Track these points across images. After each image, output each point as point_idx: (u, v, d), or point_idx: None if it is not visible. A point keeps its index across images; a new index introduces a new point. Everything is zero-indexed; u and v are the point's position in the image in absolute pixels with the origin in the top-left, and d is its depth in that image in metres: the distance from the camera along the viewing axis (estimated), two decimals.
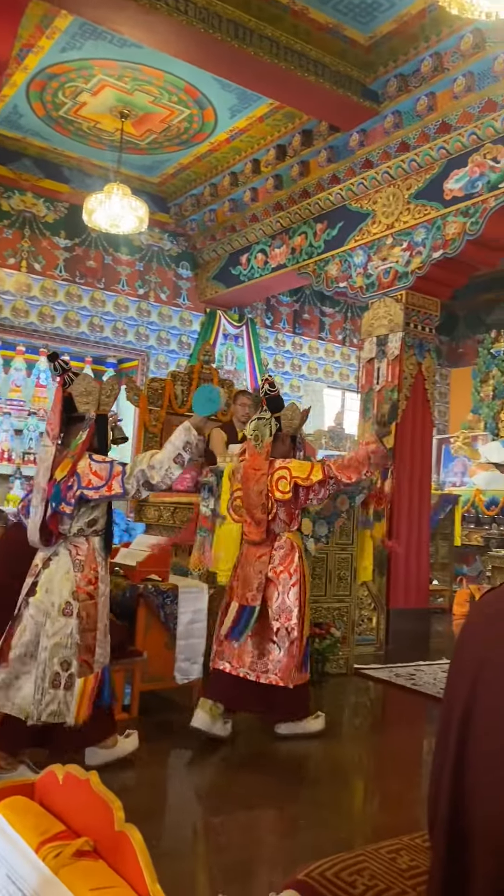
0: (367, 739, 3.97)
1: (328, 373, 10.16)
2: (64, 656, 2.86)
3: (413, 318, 6.42)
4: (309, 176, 7.13)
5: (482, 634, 1.55)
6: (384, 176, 6.51)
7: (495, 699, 1.45)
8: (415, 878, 1.52)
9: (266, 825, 2.83)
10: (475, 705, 1.48)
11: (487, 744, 1.44)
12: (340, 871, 1.54)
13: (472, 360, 10.10)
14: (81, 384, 3.10)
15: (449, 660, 3.79)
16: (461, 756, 1.49)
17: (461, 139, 5.81)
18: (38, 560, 3.00)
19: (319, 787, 3.26)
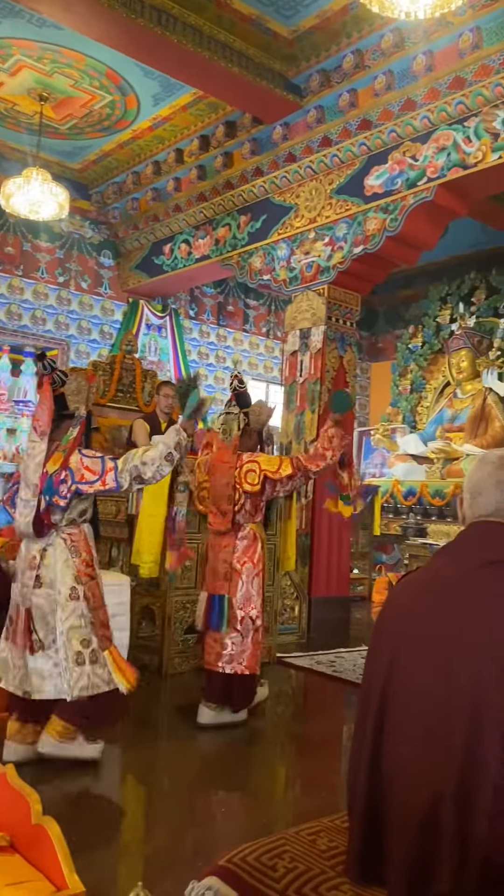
0: (288, 726, 4.02)
1: (252, 365, 10.20)
2: (82, 635, 3.03)
3: (335, 313, 6.52)
4: (232, 167, 7.12)
5: (398, 618, 1.59)
6: (307, 170, 6.57)
7: (409, 678, 1.50)
8: (334, 859, 1.56)
9: (188, 814, 2.84)
10: (391, 687, 1.53)
11: (401, 727, 1.49)
12: (261, 856, 1.57)
13: (392, 354, 10.32)
14: (73, 383, 3.33)
15: (367, 646, 3.86)
16: (378, 739, 1.54)
17: (381, 136, 5.92)
18: (35, 552, 3.09)
19: (242, 774, 3.29)
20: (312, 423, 6.42)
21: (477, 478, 1.58)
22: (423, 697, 1.44)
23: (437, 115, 5.52)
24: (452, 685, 1.40)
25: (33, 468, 3.06)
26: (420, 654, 1.47)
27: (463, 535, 1.58)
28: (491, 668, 1.36)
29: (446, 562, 1.57)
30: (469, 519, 1.59)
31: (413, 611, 1.54)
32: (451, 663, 1.42)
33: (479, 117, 5.31)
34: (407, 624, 1.53)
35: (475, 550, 1.51)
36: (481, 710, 1.35)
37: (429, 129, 5.63)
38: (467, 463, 8.06)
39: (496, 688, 1.35)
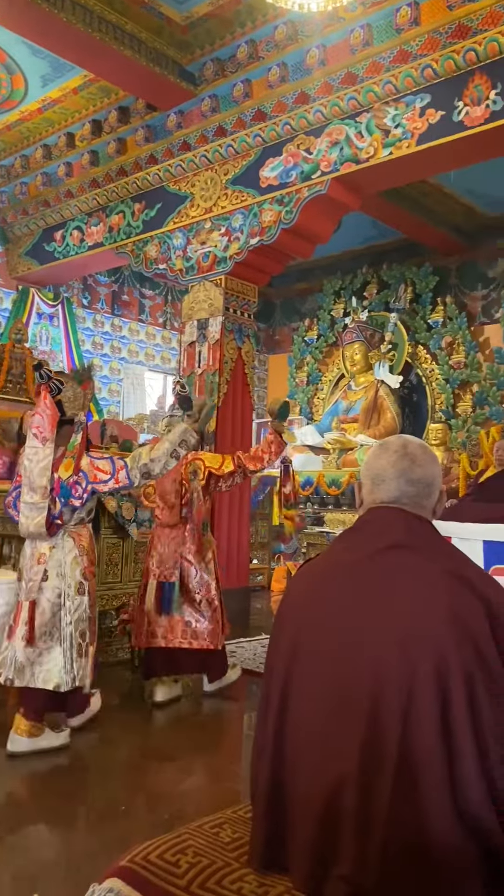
0: (188, 718, 4.00)
1: (149, 356, 10.07)
2: (82, 628, 3.28)
3: (232, 303, 6.51)
4: (126, 154, 6.98)
5: (298, 605, 1.59)
6: (202, 159, 6.52)
7: (310, 665, 1.50)
8: (238, 850, 1.54)
9: (86, 815, 2.76)
10: (293, 675, 1.52)
11: (304, 714, 1.49)
12: (164, 853, 1.53)
13: (288, 347, 10.44)
14: (69, 390, 3.37)
15: (268, 635, 3.92)
16: (281, 727, 1.53)
17: (276, 128, 5.94)
18: (44, 549, 3.29)
19: (140, 770, 3.24)
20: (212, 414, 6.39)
21: (379, 465, 1.59)
22: (325, 683, 1.45)
23: (329, 110, 5.59)
24: (353, 669, 1.41)
25: (38, 472, 3.23)
26: (320, 641, 1.48)
27: (362, 520, 1.59)
28: (390, 650, 1.38)
29: (345, 548, 1.58)
30: (368, 505, 1.61)
31: (312, 598, 1.54)
32: (351, 648, 1.43)
33: (370, 113, 5.42)
34: (307, 611, 1.53)
35: (374, 536, 1.53)
36: (382, 692, 1.36)
37: (322, 122, 5.70)
38: (361, 453, 8.26)
39: (396, 669, 1.37)
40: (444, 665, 1.34)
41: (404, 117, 5.24)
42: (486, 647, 1.37)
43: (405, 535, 1.51)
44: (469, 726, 1.33)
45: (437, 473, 1.62)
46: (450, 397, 8.54)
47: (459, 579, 1.43)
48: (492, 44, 4.74)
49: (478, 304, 8.76)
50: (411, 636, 1.37)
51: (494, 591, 1.43)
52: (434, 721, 1.34)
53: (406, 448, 1.59)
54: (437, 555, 1.49)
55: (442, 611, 1.38)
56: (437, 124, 5.08)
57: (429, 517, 1.60)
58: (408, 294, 8.93)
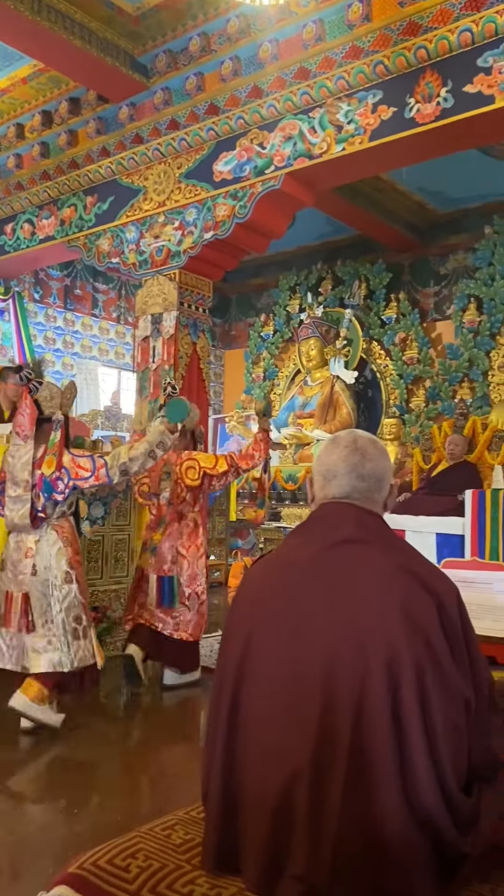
0: (142, 717, 3.96)
1: (103, 351, 9.95)
2: (75, 613, 3.45)
3: (187, 298, 6.46)
4: (78, 146, 6.86)
5: (251, 601, 1.57)
6: (154, 152, 6.44)
7: (263, 660, 1.49)
8: (190, 852, 1.52)
9: (35, 818, 2.71)
10: (245, 671, 1.51)
11: (256, 710, 1.47)
12: (114, 858, 1.50)
13: (244, 342, 10.42)
14: (46, 390, 3.55)
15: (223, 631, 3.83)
16: (233, 725, 1.51)
17: (229, 122, 5.90)
18: (30, 543, 3.50)
19: (92, 770, 3.19)
20: None
21: (330, 461, 1.59)
22: (278, 679, 1.44)
23: (283, 104, 5.58)
24: (306, 665, 1.40)
25: (20, 467, 3.47)
26: (273, 636, 1.46)
27: (313, 516, 1.59)
28: (343, 644, 1.38)
29: (297, 543, 1.57)
30: (319, 500, 1.60)
31: (266, 593, 1.53)
32: (304, 643, 1.42)
33: (323, 109, 5.42)
34: (260, 606, 1.51)
35: (326, 531, 1.52)
36: (335, 687, 1.36)
37: (275, 117, 5.68)
38: (317, 448, 8.29)
39: (348, 664, 1.36)
40: (396, 659, 1.34)
41: (357, 113, 5.25)
42: (436, 642, 1.37)
43: (356, 529, 1.50)
44: (419, 720, 1.33)
45: (388, 467, 1.63)
46: (403, 393, 8.63)
47: (411, 574, 1.43)
48: (442, 42, 4.78)
49: (430, 301, 8.87)
50: (364, 631, 1.37)
51: (444, 586, 1.43)
52: (385, 715, 1.34)
53: (356, 443, 1.59)
54: (388, 549, 1.49)
55: (394, 606, 1.38)
56: (390, 121, 5.10)
57: (380, 511, 1.60)
58: (362, 290, 8.98)
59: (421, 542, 5.58)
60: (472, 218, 8.37)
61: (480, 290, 8.10)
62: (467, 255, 8.49)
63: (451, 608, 1.42)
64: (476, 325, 8.09)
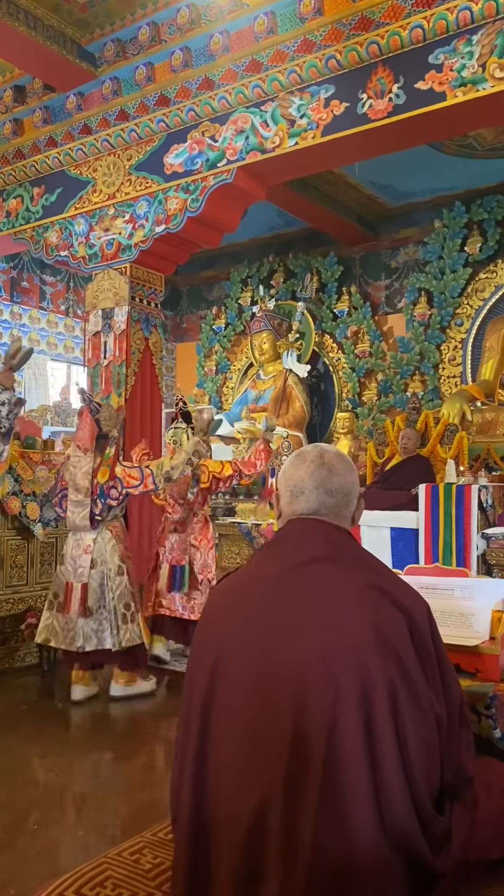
0: (102, 731, 3.87)
1: (52, 345, 9.74)
2: (125, 601, 4.06)
3: (138, 293, 6.36)
4: (23, 136, 6.68)
5: (219, 621, 1.54)
6: (104, 144, 6.31)
7: (232, 681, 1.46)
8: (160, 878, 1.49)
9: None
10: (214, 691, 1.47)
11: (226, 732, 1.45)
12: (81, 887, 1.46)
13: (196, 335, 10.33)
14: (105, 411, 4.23)
15: (190, 648, 3.79)
16: (202, 746, 1.47)
17: (180, 114, 5.81)
18: (89, 541, 4.09)
19: (56, 782, 3.13)
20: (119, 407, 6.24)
21: (297, 477, 1.56)
22: (248, 700, 1.41)
23: (234, 97, 5.51)
24: (277, 686, 1.38)
25: (81, 476, 4.08)
26: (242, 657, 1.43)
27: (281, 533, 1.56)
28: (313, 665, 1.35)
29: (266, 561, 1.54)
30: (287, 516, 1.57)
31: (233, 612, 1.49)
32: (274, 664, 1.39)
33: (275, 102, 5.37)
34: (228, 626, 1.48)
35: (294, 549, 1.50)
36: (306, 708, 1.34)
37: (227, 110, 5.61)
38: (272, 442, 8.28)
39: (319, 684, 1.34)
40: (368, 679, 1.33)
41: (309, 108, 5.22)
42: (408, 660, 1.36)
43: (325, 547, 1.48)
44: (393, 740, 1.32)
45: (355, 481, 1.61)
46: (356, 386, 8.68)
47: (381, 592, 1.41)
48: (394, 37, 4.78)
49: (381, 294, 8.92)
50: (334, 650, 1.35)
51: (414, 604, 1.42)
52: (358, 736, 1.32)
53: (323, 458, 1.56)
54: (358, 566, 1.47)
55: (365, 625, 1.36)
56: (342, 116, 5.09)
57: (348, 526, 1.58)
58: (314, 283, 8.99)
59: (375, 537, 5.63)
60: (422, 212, 8.44)
61: (430, 283, 8.18)
62: (417, 249, 8.56)
63: (423, 625, 1.41)
64: (427, 318, 8.17)
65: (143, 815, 2.65)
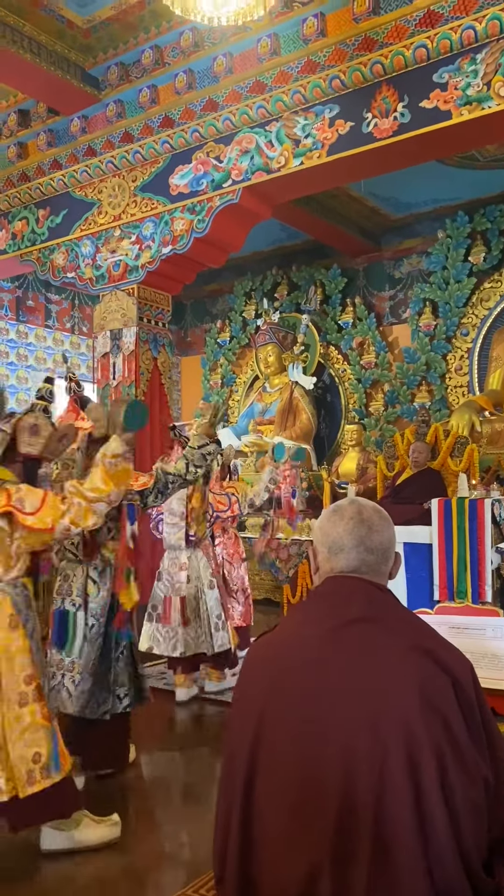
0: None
1: (58, 362, 9.75)
2: (217, 612, 4.44)
3: (146, 313, 6.38)
4: (28, 159, 6.71)
5: (261, 680, 1.54)
6: (108, 165, 6.33)
7: (277, 746, 1.46)
8: None
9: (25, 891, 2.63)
10: (259, 754, 1.47)
11: (272, 797, 1.44)
12: None
13: (201, 348, 10.34)
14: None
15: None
16: (248, 807, 1.47)
17: (184, 135, 5.83)
18: (184, 558, 4.46)
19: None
20: None
21: (336, 533, 1.55)
22: (293, 765, 1.40)
23: (239, 118, 5.53)
24: (322, 752, 1.37)
25: (177, 502, 4.40)
26: (285, 723, 1.43)
27: (321, 591, 1.56)
28: (359, 731, 1.35)
29: (305, 620, 1.54)
30: (325, 573, 1.57)
31: (276, 673, 1.49)
32: (319, 730, 1.39)
33: (280, 122, 5.39)
34: (270, 691, 1.48)
35: (336, 608, 1.50)
36: (352, 775, 1.34)
37: (232, 130, 5.63)
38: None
39: (366, 751, 1.34)
40: (415, 744, 1.33)
41: (314, 127, 5.24)
42: (455, 725, 1.36)
43: (368, 607, 1.48)
44: (441, 805, 1.32)
45: (392, 537, 1.60)
46: (362, 397, 8.68)
47: (425, 652, 1.41)
48: (398, 57, 4.80)
49: (385, 305, 8.93)
50: (381, 716, 1.35)
51: (459, 665, 1.42)
52: (407, 803, 1.32)
53: (361, 514, 1.56)
54: (401, 627, 1.47)
55: (411, 689, 1.36)
56: (347, 135, 5.11)
57: (386, 582, 1.58)
58: (318, 295, 9.00)
59: None
60: (425, 222, 8.45)
61: (435, 293, 8.19)
62: (421, 259, 8.58)
63: (467, 686, 1.41)
64: (432, 328, 8.18)
65: None
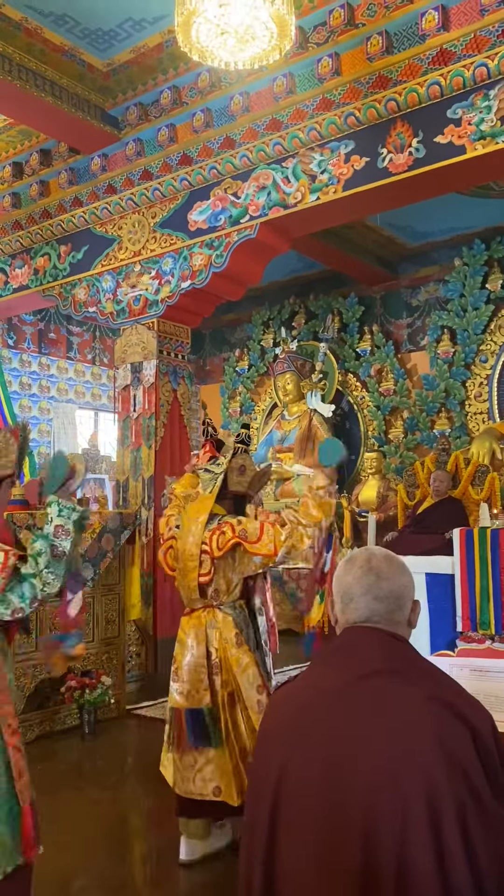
0: (138, 800, 3.74)
1: (79, 393, 9.89)
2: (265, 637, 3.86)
3: (166, 346, 6.46)
4: (49, 196, 6.86)
5: (281, 734, 1.55)
6: (128, 202, 6.46)
7: (298, 802, 1.47)
8: None
9: None
10: (280, 810, 1.48)
11: (294, 852, 1.45)
12: None
13: (219, 377, 10.43)
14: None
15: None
16: (271, 867, 1.47)
17: (202, 172, 5.94)
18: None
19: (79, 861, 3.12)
20: (150, 459, 6.31)
21: (346, 583, 1.57)
22: (315, 823, 1.41)
23: (255, 155, 5.63)
24: (343, 809, 1.38)
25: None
26: (307, 779, 1.43)
27: (339, 643, 1.57)
28: (380, 784, 1.36)
29: (325, 673, 1.55)
30: (343, 624, 1.59)
31: (296, 726, 1.50)
32: (341, 782, 1.40)
33: (296, 159, 5.48)
34: (291, 744, 1.48)
35: (353, 661, 1.51)
36: (375, 832, 1.34)
37: (248, 167, 5.73)
38: (298, 483, 8.31)
39: (387, 804, 1.34)
40: (436, 799, 1.33)
41: (330, 163, 5.32)
42: (475, 777, 1.36)
43: (384, 659, 1.49)
44: (465, 860, 1.32)
45: (407, 583, 1.61)
46: (381, 424, 8.69)
47: (444, 704, 1.42)
48: (411, 94, 4.87)
49: (403, 332, 8.97)
50: (401, 771, 1.36)
51: (478, 716, 1.43)
52: (429, 857, 1.32)
53: (370, 562, 1.57)
54: (418, 678, 1.48)
55: (430, 741, 1.37)
56: (363, 170, 5.17)
57: (404, 631, 1.59)
58: (335, 324, 9.06)
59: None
60: (442, 250, 8.51)
61: (453, 321, 8.21)
62: (438, 287, 8.62)
63: (487, 737, 1.41)
64: (450, 355, 8.19)
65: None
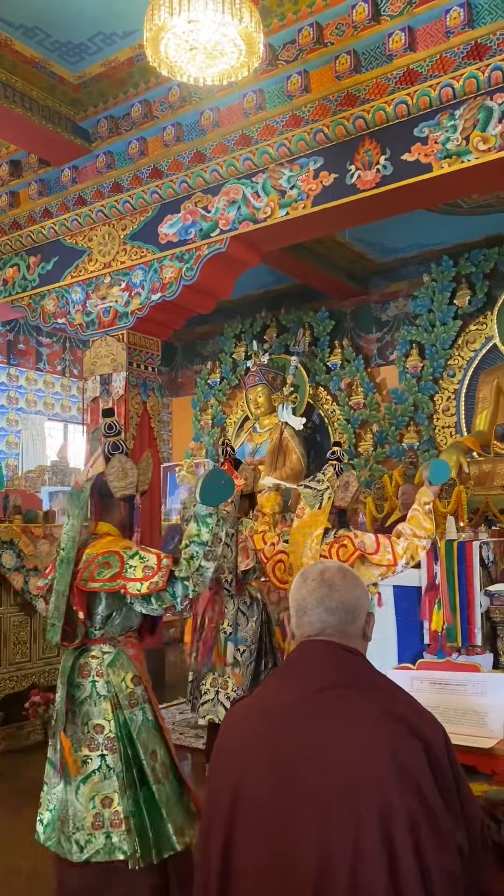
0: None
1: (48, 405, 9.81)
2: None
3: (136, 358, 6.44)
4: (19, 207, 6.82)
5: (238, 750, 1.54)
6: (98, 214, 6.45)
7: (254, 817, 1.46)
8: None
9: None
10: (236, 826, 1.47)
11: (248, 868, 1.44)
12: None
13: (191, 389, 10.42)
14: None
15: (183, 698, 3.76)
16: (226, 877, 1.48)
17: (173, 186, 5.96)
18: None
19: None
20: None
21: (300, 596, 1.58)
22: (269, 833, 1.41)
23: (226, 169, 5.66)
24: (298, 821, 1.38)
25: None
26: (261, 789, 1.44)
27: (293, 657, 1.57)
28: (334, 801, 1.36)
29: (280, 687, 1.55)
30: (298, 638, 1.59)
31: (251, 744, 1.50)
32: (295, 796, 1.40)
33: (266, 174, 5.52)
34: (246, 759, 1.48)
35: (307, 675, 1.51)
36: (328, 844, 1.34)
37: (219, 181, 5.76)
38: (269, 496, 8.31)
39: (342, 820, 1.35)
40: (389, 811, 1.34)
41: (299, 179, 5.37)
42: (428, 791, 1.37)
43: (338, 673, 1.50)
44: (417, 874, 1.33)
45: (360, 595, 1.62)
46: (351, 437, 8.74)
47: (397, 719, 1.43)
48: (379, 112, 4.94)
49: (373, 347, 9.04)
50: (354, 783, 1.36)
51: (431, 730, 1.44)
52: (382, 871, 1.32)
53: (323, 575, 1.58)
54: (371, 691, 1.49)
55: (383, 755, 1.37)
56: (331, 186, 5.23)
57: (359, 644, 1.60)
58: (306, 337, 9.11)
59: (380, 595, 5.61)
60: (411, 266, 8.61)
61: (421, 336, 8.30)
62: (407, 302, 8.71)
63: (440, 752, 1.42)
64: (419, 370, 8.27)
65: None
